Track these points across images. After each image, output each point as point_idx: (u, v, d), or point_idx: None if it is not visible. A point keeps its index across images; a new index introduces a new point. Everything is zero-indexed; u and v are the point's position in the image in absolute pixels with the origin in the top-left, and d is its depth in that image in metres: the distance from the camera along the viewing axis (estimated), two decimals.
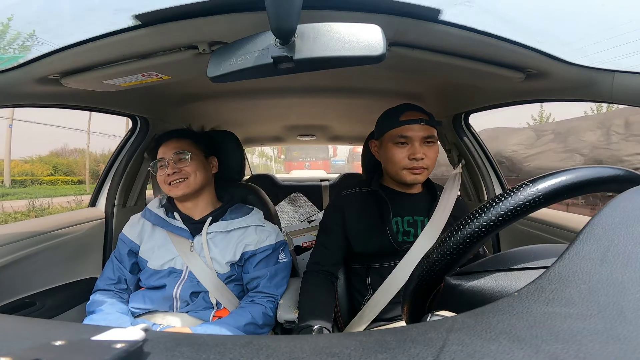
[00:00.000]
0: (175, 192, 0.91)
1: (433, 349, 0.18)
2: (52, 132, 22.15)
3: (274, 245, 0.95)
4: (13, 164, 12.69)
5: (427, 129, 0.85)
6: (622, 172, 0.31)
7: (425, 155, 0.84)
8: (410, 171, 0.85)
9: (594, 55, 0.67)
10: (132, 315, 0.88)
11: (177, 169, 0.91)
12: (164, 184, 0.92)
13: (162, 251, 0.91)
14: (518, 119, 14.81)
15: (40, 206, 7.65)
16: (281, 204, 2.21)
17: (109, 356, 0.17)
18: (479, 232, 0.30)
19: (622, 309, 0.18)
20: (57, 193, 10.41)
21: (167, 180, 0.91)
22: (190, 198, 0.95)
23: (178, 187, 0.91)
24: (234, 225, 0.93)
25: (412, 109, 0.88)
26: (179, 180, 0.91)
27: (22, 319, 0.31)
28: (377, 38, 0.45)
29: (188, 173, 0.92)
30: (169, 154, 0.92)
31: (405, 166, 0.85)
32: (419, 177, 0.85)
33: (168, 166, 0.91)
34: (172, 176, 0.90)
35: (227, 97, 1.28)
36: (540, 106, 12.53)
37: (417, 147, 0.84)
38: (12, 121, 11.84)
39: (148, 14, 0.53)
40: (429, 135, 0.85)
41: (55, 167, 14.63)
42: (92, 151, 17.30)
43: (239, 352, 0.19)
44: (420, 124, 0.84)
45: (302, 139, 2.30)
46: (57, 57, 0.64)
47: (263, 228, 0.97)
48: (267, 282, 0.91)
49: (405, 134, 0.84)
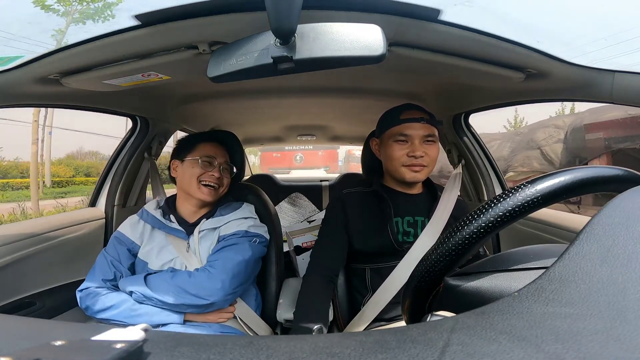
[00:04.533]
0: (204, 195, 0.92)
1: (433, 349, 0.18)
2: (64, 135, 22.63)
3: (243, 231, 0.92)
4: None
5: (427, 128, 0.86)
6: (622, 172, 0.31)
7: (425, 153, 0.85)
8: (410, 168, 0.86)
9: (593, 54, 0.67)
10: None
11: (221, 175, 0.94)
12: (195, 179, 0.92)
13: (163, 252, 0.91)
14: (496, 123, 14.78)
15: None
16: (281, 204, 2.21)
17: (109, 356, 0.17)
18: (478, 232, 0.30)
19: (622, 309, 0.18)
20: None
21: (204, 179, 0.92)
22: (205, 204, 0.96)
23: (210, 192, 0.92)
24: (224, 220, 0.94)
25: (413, 108, 0.89)
26: (214, 186, 0.92)
27: (22, 319, 0.31)
28: (377, 38, 0.45)
29: (223, 184, 0.95)
30: (221, 159, 0.95)
31: (404, 163, 0.86)
32: (418, 175, 0.86)
33: (216, 168, 0.93)
34: (213, 179, 0.92)
35: (227, 97, 1.28)
36: (515, 110, 12.48)
37: (417, 144, 0.85)
38: (51, 128, 13.66)
39: (148, 14, 0.53)
40: (429, 133, 0.86)
41: (76, 169, 15.79)
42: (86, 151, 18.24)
43: (239, 352, 0.19)
44: (420, 122, 0.85)
45: (302, 139, 2.31)
46: (57, 57, 0.64)
47: (248, 218, 0.96)
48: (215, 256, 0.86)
49: (406, 132, 0.85)
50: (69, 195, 11.87)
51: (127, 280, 0.85)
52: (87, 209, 1.32)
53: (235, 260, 0.85)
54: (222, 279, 0.82)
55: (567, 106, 10.59)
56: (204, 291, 0.80)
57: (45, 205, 8.80)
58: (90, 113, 1.14)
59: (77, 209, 1.52)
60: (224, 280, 0.82)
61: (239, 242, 0.90)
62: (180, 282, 0.81)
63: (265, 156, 7.55)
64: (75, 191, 12.87)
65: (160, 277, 0.84)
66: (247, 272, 0.89)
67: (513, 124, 12.97)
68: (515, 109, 11.96)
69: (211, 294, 0.80)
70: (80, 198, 10.10)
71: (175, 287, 0.80)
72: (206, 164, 0.93)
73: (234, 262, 0.85)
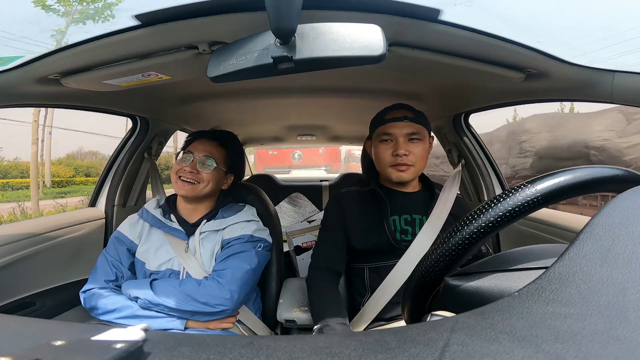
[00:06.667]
0: (179, 189, 0.91)
1: (433, 349, 0.18)
2: (64, 135, 22.73)
3: (248, 236, 0.92)
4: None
5: (410, 126, 0.86)
6: (622, 172, 0.31)
7: (409, 151, 0.85)
8: (395, 168, 0.86)
9: (593, 54, 0.67)
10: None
11: (195, 170, 0.91)
12: (175, 175, 0.92)
13: (160, 252, 0.90)
14: (495, 124, 14.70)
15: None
16: (281, 204, 2.21)
17: (109, 356, 0.17)
18: (478, 232, 0.30)
19: (622, 309, 0.18)
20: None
21: (180, 174, 0.91)
22: (192, 201, 0.95)
23: (184, 186, 0.90)
24: (226, 223, 0.93)
25: (398, 107, 0.90)
26: (189, 181, 0.90)
27: (22, 319, 0.31)
28: (377, 38, 0.45)
29: (202, 179, 0.91)
30: (199, 154, 0.93)
31: (390, 163, 0.87)
32: (403, 174, 0.86)
33: (191, 162, 0.91)
34: (186, 174, 0.90)
35: (227, 97, 1.28)
36: (514, 110, 12.44)
37: (400, 143, 0.85)
38: (51, 128, 13.80)
39: (148, 14, 0.53)
40: (413, 131, 0.86)
41: (76, 169, 15.88)
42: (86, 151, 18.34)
43: (239, 352, 0.19)
44: (403, 121, 0.86)
45: (302, 139, 2.31)
46: (57, 57, 0.64)
47: (251, 222, 0.96)
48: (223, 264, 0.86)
49: (389, 131, 0.86)
50: (69, 195, 12.00)
51: (132, 285, 0.85)
52: (87, 209, 1.32)
53: (244, 270, 0.85)
54: (232, 289, 0.82)
55: (566, 106, 10.61)
56: (214, 300, 0.80)
57: (45, 205, 8.86)
58: (90, 113, 1.14)
59: (77, 209, 1.52)
60: (233, 291, 0.82)
61: (245, 249, 0.89)
62: (189, 290, 0.81)
63: (261, 154, 6.94)
64: (75, 191, 13.03)
65: (167, 284, 0.83)
66: (253, 280, 0.90)
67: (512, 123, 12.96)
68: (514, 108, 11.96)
69: (220, 303, 0.81)
70: (80, 198, 10.22)
71: (184, 295, 0.80)
72: (184, 158, 0.93)
73: (242, 271, 0.85)
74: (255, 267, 0.88)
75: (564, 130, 5.60)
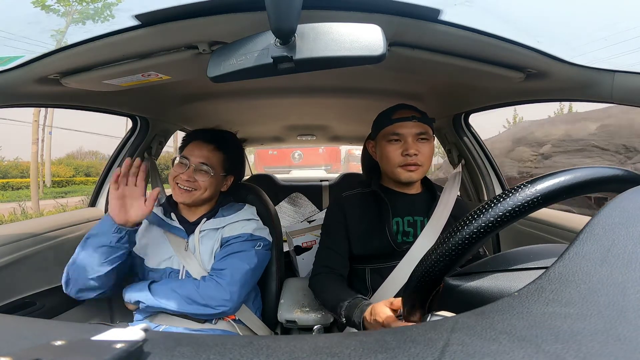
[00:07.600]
0: (177, 196, 0.90)
1: (433, 349, 0.18)
2: (64, 135, 22.79)
3: (248, 234, 0.91)
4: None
5: (419, 126, 0.86)
6: (622, 172, 0.31)
7: (418, 151, 0.85)
8: (405, 168, 0.86)
9: (593, 54, 0.67)
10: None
11: (192, 178, 0.89)
12: (173, 181, 0.91)
13: (159, 250, 0.90)
14: (496, 124, 14.71)
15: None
16: (281, 204, 2.21)
17: (109, 356, 0.17)
18: (478, 233, 0.30)
19: (622, 309, 0.18)
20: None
21: (177, 181, 0.90)
22: (191, 205, 0.95)
23: (182, 194, 0.89)
24: (226, 221, 0.93)
25: (405, 107, 0.90)
26: (187, 188, 0.89)
27: (22, 319, 0.31)
28: (377, 38, 0.45)
29: (199, 187, 0.90)
30: (195, 160, 0.90)
31: (399, 163, 0.86)
32: (413, 174, 0.86)
33: (187, 169, 0.89)
34: (183, 181, 0.89)
35: (227, 97, 1.28)
36: (514, 110, 12.45)
37: (410, 143, 0.85)
38: (51, 128, 13.94)
39: (148, 14, 0.53)
40: (422, 131, 0.86)
41: (76, 169, 16.01)
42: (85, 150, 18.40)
43: (239, 352, 0.19)
44: (412, 120, 0.86)
45: (302, 139, 2.30)
46: (57, 57, 0.64)
47: (250, 220, 0.96)
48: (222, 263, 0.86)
49: (398, 131, 0.86)
50: (69, 195, 12.04)
51: (131, 289, 0.85)
52: (87, 208, 1.32)
53: (243, 270, 0.85)
54: (232, 290, 0.82)
55: (565, 106, 10.61)
56: (214, 301, 0.81)
57: (45, 205, 8.88)
58: (90, 113, 1.14)
59: (77, 209, 1.51)
60: (233, 292, 0.82)
61: (245, 248, 0.89)
62: (189, 292, 0.81)
63: (260, 154, 6.90)
64: (75, 191, 13.10)
65: (167, 287, 0.83)
66: (253, 280, 0.89)
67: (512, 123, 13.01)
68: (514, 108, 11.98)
69: (220, 304, 0.81)
70: (80, 198, 10.26)
71: (185, 298, 0.81)
72: (180, 164, 0.91)
73: (242, 272, 0.85)
74: (254, 266, 0.88)
75: None
